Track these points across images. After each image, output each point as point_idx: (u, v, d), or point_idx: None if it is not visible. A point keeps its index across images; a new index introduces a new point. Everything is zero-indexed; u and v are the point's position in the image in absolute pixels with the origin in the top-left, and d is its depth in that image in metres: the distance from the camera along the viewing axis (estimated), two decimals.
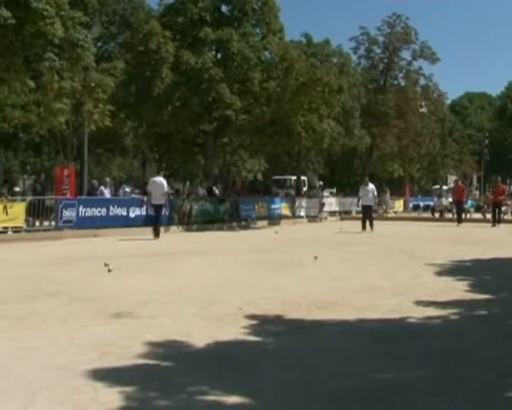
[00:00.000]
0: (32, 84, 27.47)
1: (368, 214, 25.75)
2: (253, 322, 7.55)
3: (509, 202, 36.36)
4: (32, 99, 32.41)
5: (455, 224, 29.41)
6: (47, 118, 27.21)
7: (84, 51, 22.39)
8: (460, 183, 34.55)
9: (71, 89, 26.58)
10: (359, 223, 25.75)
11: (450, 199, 34.95)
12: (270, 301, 8.96)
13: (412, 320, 7.78)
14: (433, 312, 8.24)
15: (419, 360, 6.05)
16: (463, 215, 31.99)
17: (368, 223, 25.29)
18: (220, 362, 5.91)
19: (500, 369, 5.84)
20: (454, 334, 7.24)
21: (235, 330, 7.08)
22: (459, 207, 30.34)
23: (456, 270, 12.69)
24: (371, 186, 26.21)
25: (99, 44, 45.79)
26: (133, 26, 35.40)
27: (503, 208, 34.40)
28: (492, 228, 27.71)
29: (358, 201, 26.87)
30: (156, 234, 20.83)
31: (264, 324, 7.50)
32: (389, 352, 6.34)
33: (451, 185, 41.94)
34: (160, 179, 22.03)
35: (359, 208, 28.54)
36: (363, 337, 6.97)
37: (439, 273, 12.14)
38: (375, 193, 27.06)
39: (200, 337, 6.68)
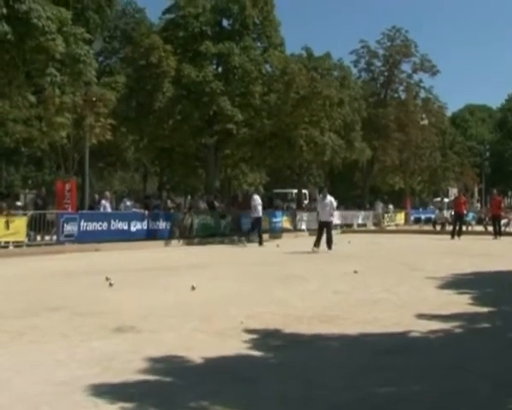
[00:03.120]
0: (33, 98, 27.56)
1: (324, 231, 21.84)
2: (255, 336, 7.53)
3: (509, 215, 36.42)
4: (34, 114, 32.50)
5: (449, 237, 29.01)
6: (48, 132, 27.31)
7: (86, 66, 22.46)
8: (461, 195, 34.54)
9: (72, 103, 26.67)
10: (362, 236, 25.60)
11: (452, 211, 34.88)
12: (271, 314, 8.94)
13: (414, 334, 7.75)
14: (435, 325, 8.21)
15: (421, 374, 6.03)
16: (464, 228, 31.92)
17: (325, 241, 21.48)
18: (221, 377, 5.89)
19: (503, 382, 5.81)
20: (456, 347, 7.21)
21: (236, 345, 7.06)
22: (460, 219, 30.27)
23: (457, 283, 12.65)
24: (329, 199, 22.54)
25: (100, 59, 46.01)
26: (134, 41, 35.55)
27: (504, 221, 34.43)
28: (494, 241, 27.70)
29: (318, 215, 23.02)
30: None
31: (265, 337, 7.48)
32: (391, 366, 6.31)
33: (452, 198, 41.92)
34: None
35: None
36: (364, 351, 6.94)
37: (441, 286, 12.10)
38: (334, 206, 23.57)
39: (201, 352, 6.66)
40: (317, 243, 21.29)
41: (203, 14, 31.05)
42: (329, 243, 21.40)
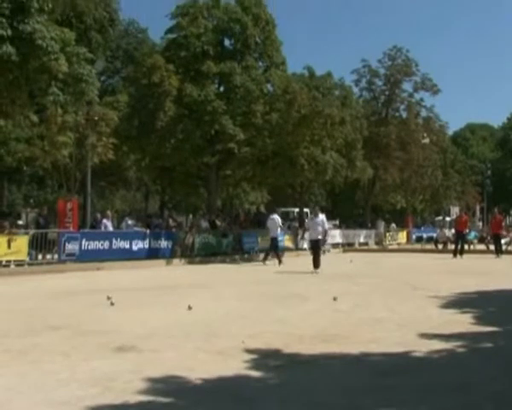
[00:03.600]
0: (35, 118, 27.65)
1: (313, 250, 21.46)
2: (256, 356, 7.50)
3: (510, 234, 36.43)
4: (36, 133, 32.60)
5: (451, 256, 28.99)
6: (50, 151, 27.37)
7: (88, 86, 22.56)
8: (463, 214, 34.53)
9: (74, 122, 26.77)
10: (363, 255, 25.54)
11: (453, 230, 34.81)
12: (273, 334, 8.92)
13: (416, 354, 7.71)
14: (437, 345, 8.18)
15: (423, 394, 5.99)
16: (466, 247, 31.90)
17: (312, 260, 21.09)
18: (221, 397, 5.86)
19: (506, 403, 5.78)
20: (458, 367, 7.17)
21: (237, 365, 7.04)
22: (462, 238, 30.24)
23: (460, 302, 12.62)
24: (321, 217, 21.73)
25: (103, 78, 46.20)
26: (137, 60, 35.70)
27: (506, 239, 34.43)
28: (496, 259, 27.68)
29: (303, 233, 22.38)
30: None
31: (266, 357, 7.46)
32: (393, 386, 6.28)
33: (454, 217, 41.91)
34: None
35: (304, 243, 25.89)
36: (366, 371, 6.91)
37: (443, 305, 12.07)
38: (326, 226, 22.58)
39: (202, 372, 6.64)
40: (316, 264, 20.77)
41: (205, 34, 31.17)
42: (316, 263, 20.77)
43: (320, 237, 21.31)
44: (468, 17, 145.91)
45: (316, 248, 21.16)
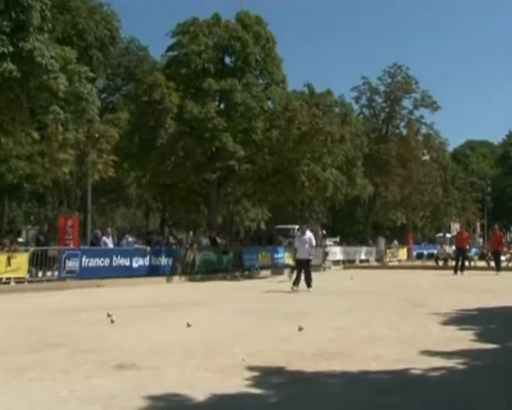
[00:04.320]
0: (36, 135, 27.73)
1: (303, 269, 20.39)
2: (257, 374, 7.48)
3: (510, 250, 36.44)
4: (37, 150, 32.70)
5: (452, 272, 29.01)
6: (51, 168, 27.43)
7: (89, 105, 22.65)
8: (464, 230, 34.50)
9: (75, 140, 26.84)
10: (364, 272, 25.50)
11: (454, 247, 34.73)
12: (273, 351, 8.89)
13: (417, 371, 7.68)
14: (438, 362, 8.15)
15: None
16: (467, 263, 31.86)
17: (304, 279, 20.22)
18: None
19: None
20: (460, 385, 7.14)
21: (238, 382, 7.01)
22: (462, 254, 30.21)
23: (461, 319, 12.60)
24: (308, 235, 20.94)
25: (103, 96, 46.32)
26: (137, 78, 35.84)
27: (507, 256, 34.40)
28: (496, 276, 27.64)
29: (295, 252, 21.30)
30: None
31: (267, 375, 7.43)
32: (394, 403, 6.26)
33: (455, 233, 41.86)
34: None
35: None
36: (367, 388, 6.89)
37: (444, 322, 12.04)
38: (313, 243, 21.50)
39: (202, 389, 6.62)
40: (296, 282, 20.04)
41: (205, 52, 31.32)
42: (308, 281, 20.11)
43: (308, 256, 20.54)
44: (468, 34, 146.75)
45: (306, 266, 20.39)
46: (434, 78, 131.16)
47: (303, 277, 20.27)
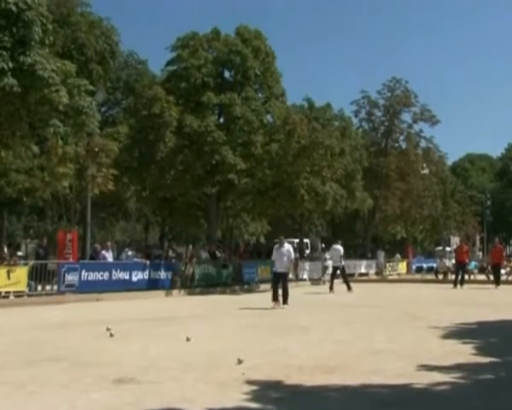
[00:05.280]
0: (36, 149, 27.75)
1: (281, 283, 19.24)
2: (256, 387, 7.46)
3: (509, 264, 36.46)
4: (36, 164, 32.69)
5: (451, 286, 28.99)
6: (51, 182, 27.41)
7: (89, 118, 22.69)
8: (463, 244, 34.48)
9: (75, 154, 26.84)
10: (364, 285, 25.46)
11: (454, 260, 34.67)
12: (273, 365, 8.87)
13: (417, 385, 7.65)
14: (438, 376, 8.13)
15: None
16: (467, 277, 31.84)
17: (281, 294, 19.07)
18: None
19: None
20: (459, 399, 7.12)
21: (237, 396, 6.99)
22: (462, 268, 30.17)
23: (461, 333, 12.58)
24: (287, 247, 19.66)
25: (103, 110, 46.40)
26: (137, 92, 35.93)
27: (507, 269, 34.39)
28: (496, 290, 27.60)
29: (273, 265, 20.18)
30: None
31: (266, 389, 7.41)
32: None
33: (454, 247, 41.86)
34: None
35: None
36: (367, 403, 6.87)
37: (444, 336, 12.02)
38: (292, 256, 20.11)
39: (201, 403, 6.60)
40: (275, 297, 19.00)
41: (205, 66, 31.42)
42: (285, 296, 19.01)
43: (286, 269, 19.42)
44: (468, 46, 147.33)
45: (284, 280, 19.21)
46: (434, 91, 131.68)
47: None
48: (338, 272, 27.13)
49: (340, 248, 27.46)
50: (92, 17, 42.59)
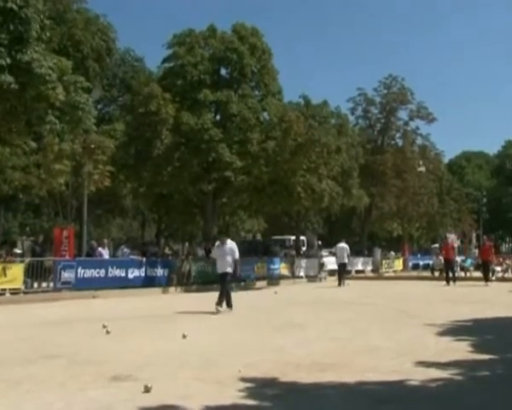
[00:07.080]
0: (33, 145, 27.69)
1: (222, 284, 17.23)
2: (253, 385, 7.46)
3: (505, 261, 36.53)
4: (33, 161, 32.65)
5: (443, 283, 29.07)
6: (47, 179, 27.42)
7: (85, 114, 22.67)
8: (449, 240, 34.52)
9: (71, 151, 26.84)
10: (360, 282, 25.48)
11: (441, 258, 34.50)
12: (269, 362, 8.87)
13: (413, 382, 7.67)
14: (434, 373, 8.14)
15: None
16: (463, 274, 31.90)
17: (224, 298, 16.76)
18: None
19: None
20: (456, 396, 7.13)
21: (233, 393, 7.00)
22: (449, 265, 30.23)
23: (456, 330, 12.59)
24: (229, 245, 17.25)
25: (99, 107, 46.35)
26: (133, 89, 35.85)
27: (503, 267, 34.46)
28: (486, 287, 27.59)
29: (216, 265, 17.69)
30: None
31: (263, 386, 7.42)
32: None
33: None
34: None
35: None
36: (363, 400, 6.87)
37: (440, 333, 12.04)
38: (237, 255, 17.24)
39: (197, 401, 6.60)
40: (219, 302, 16.58)
41: (201, 63, 31.34)
42: (228, 299, 16.93)
43: (229, 269, 16.98)
44: (463, 46, 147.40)
45: (223, 282, 17.07)
46: (430, 89, 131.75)
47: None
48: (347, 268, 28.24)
49: (346, 246, 29.25)
50: (88, 14, 42.47)
